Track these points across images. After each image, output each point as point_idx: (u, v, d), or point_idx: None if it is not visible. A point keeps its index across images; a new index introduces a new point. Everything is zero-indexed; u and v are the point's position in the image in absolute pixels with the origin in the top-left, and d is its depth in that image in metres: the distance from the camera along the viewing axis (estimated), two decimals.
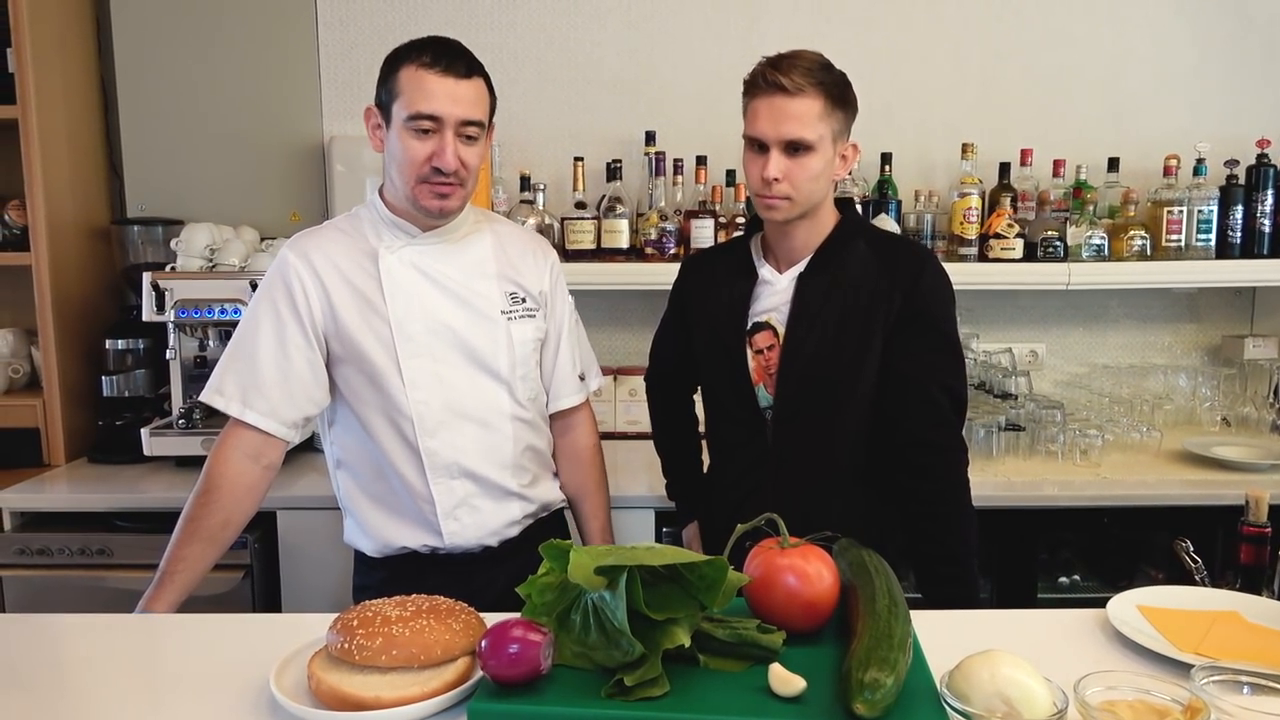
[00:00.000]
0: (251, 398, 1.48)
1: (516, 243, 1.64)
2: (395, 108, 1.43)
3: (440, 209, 1.47)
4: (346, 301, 1.50)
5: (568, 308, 1.70)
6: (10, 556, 2.09)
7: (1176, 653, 1.05)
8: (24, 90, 2.29)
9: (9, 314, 2.63)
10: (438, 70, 1.40)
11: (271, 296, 1.50)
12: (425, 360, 1.51)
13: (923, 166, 2.67)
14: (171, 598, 1.40)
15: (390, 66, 1.45)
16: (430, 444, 1.51)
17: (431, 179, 1.44)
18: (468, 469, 1.54)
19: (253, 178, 2.64)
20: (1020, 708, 0.82)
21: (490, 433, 1.55)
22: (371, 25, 2.63)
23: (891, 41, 2.66)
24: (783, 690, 0.91)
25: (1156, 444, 2.34)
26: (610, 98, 2.67)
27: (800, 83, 1.44)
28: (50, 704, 1.03)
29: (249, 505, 1.50)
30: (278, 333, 1.49)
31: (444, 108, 1.41)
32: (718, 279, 1.67)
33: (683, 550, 0.99)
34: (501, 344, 1.55)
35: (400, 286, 1.50)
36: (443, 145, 1.42)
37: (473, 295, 1.54)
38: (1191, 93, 2.67)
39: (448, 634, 1.00)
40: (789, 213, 1.51)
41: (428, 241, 1.53)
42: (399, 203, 1.51)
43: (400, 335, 1.49)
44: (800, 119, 1.45)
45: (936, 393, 1.52)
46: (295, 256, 1.50)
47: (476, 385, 1.54)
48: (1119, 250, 2.49)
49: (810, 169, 1.48)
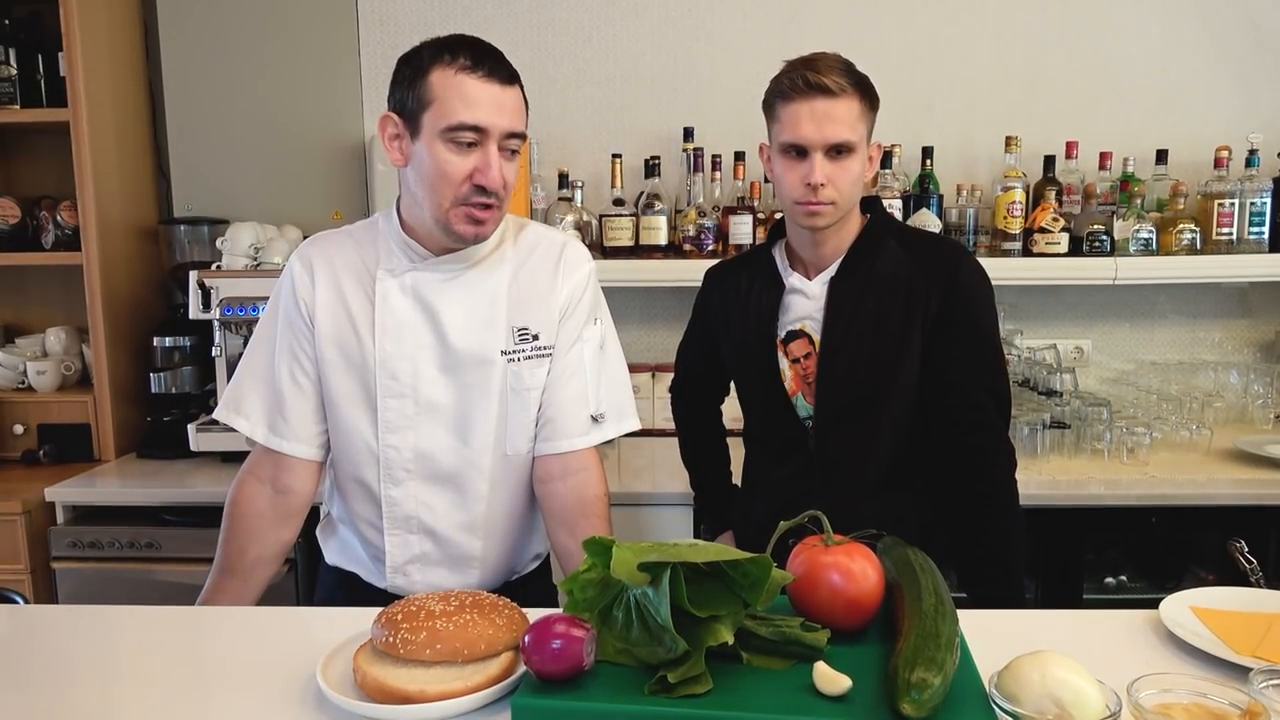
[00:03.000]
0: (281, 428, 1.40)
1: (541, 266, 1.41)
2: (427, 117, 1.25)
3: (475, 235, 1.30)
4: (333, 321, 1.37)
5: (586, 334, 1.44)
6: (63, 549, 2.14)
7: (1233, 655, 1.02)
8: (75, 94, 2.34)
9: (61, 312, 2.70)
10: (480, 75, 1.24)
11: (275, 307, 1.43)
12: (406, 403, 1.36)
13: (965, 160, 2.64)
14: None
15: (415, 69, 1.27)
16: (393, 493, 1.39)
17: (471, 199, 1.27)
18: (429, 526, 1.40)
19: (296, 177, 2.67)
20: (1072, 710, 0.80)
21: (462, 493, 1.40)
22: (411, 24, 2.65)
23: (933, 33, 2.62)
24: (828, 689, 0.90)
25: (1206, 442, 2.28)
26: (648, 94, 2.67)
27: (842, 83, 1.42)
28: (100, 694, 1.05)
29: (264, 533, 1.41)
30: (274, 346, 1.41)
31: (489, 118, 1.24)
32: (742, 291, 1.64)
33: (726, 548, 0.99)
34: (494, 393, 1.37)
35: (393, 315, 1.35)
36: (486, 160, 1.25)
37: (473, 334, 1.36)
38: (1243, 82, 2.61)
39: (491, 629, 1.01)
40: (832, 218, 1.48)
41: (437, 267, 1.36)
42: (419, 223, 1.34)
43: (383, 371, 1.35)
44: (844, 121, 1.43)
45: (980, 395, 1.50)
46: (299, 263, 1.40)
47: (457, 438, 1.38)
48: (1168, 244, 2.44)
49: (852, 172, 1.46)
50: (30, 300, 2.74)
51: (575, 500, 1.41)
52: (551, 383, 1.41)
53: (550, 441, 1.42)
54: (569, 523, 1.41)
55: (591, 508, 1.41)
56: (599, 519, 1.41)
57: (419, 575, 1.42)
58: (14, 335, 2.69)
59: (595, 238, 2.48)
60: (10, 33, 2.42)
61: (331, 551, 1.53)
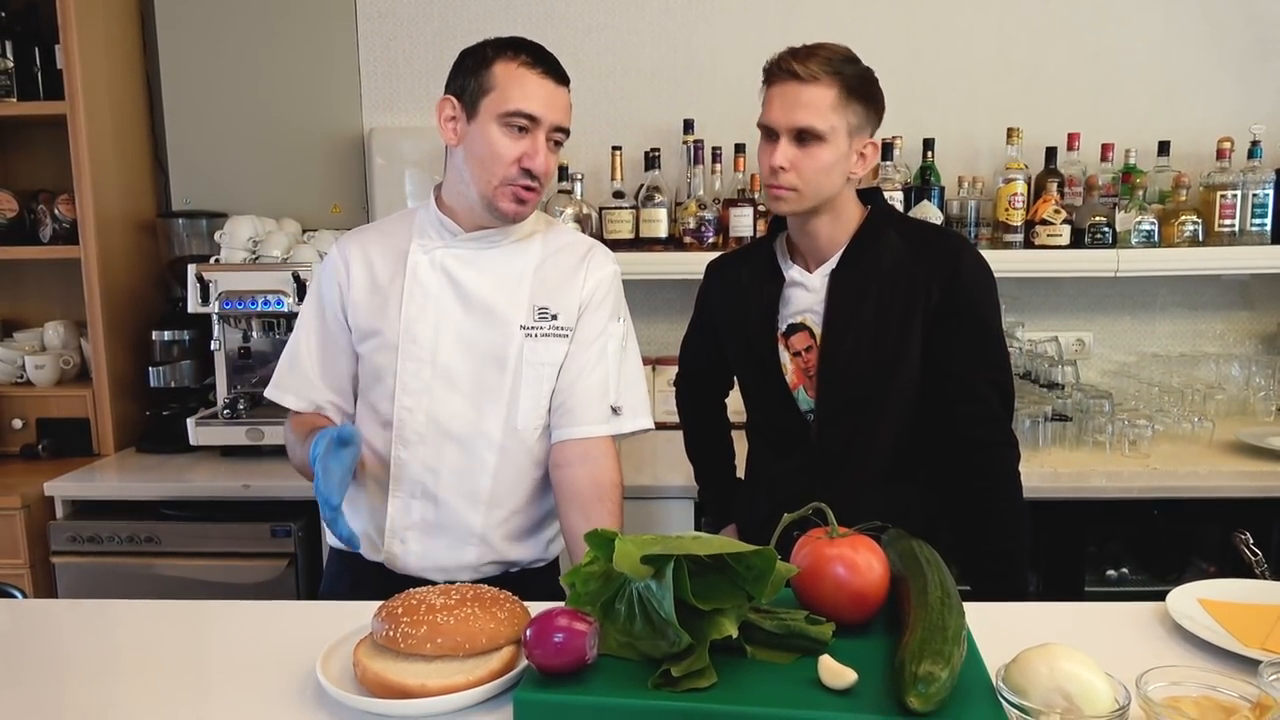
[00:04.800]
0: (292, 386, 1.55)
1: (568, 258, 1.51)
2: (487, 101, 1.38)
3: (516, 214, 1.43)
4: (367, 294, 1.49)
5: (611, 329, 1.52)
6: (63, 544, 2.14)
7: (1241, 648, 1.02)
8: (72, 86, 2.33)
9: (59, 306, 2.69)
10: (540, 71, 1.39)
11: (313, 290, 1.58)
12: (424, 367, 1.45)
13: (966, 152, 2.62)
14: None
15: (480, 59, 1.40)
16: (402, 454, 1.46)
17: (517, 180, 1.39)
18: (431, 492, 1.46)
19: (294, 170, 2.66)
20: (1080, 703, 0.80)
21: (468, 461, 1.46)
22: (410, 17, 2.63)
23: (934, 24, 2.61)
24: (833, 683, 0.89)
25: (1208, 435, 2.28)
26: (648, 86, 2.65)
27: (815, 70, 1.41)
28: (100, 688, 1.04)
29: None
30: (312, 327, 1.55)
31: (542, 109, 1.38)
32: (743, 284, 1.63)
33: (730, 540, 0.98)
34: (509, 363, 1.45)
35: (421, 286, 1.46)
36: (535, 147, 1.39)
37: (494, 305, 1.46)
38: (1245, 73, 2.59)
39: (492, 622, 1.00)
40: (796, 205, 1.47)
41: (467, 244, 1.47)
42: (460, 201, 1.46)
43: (406, 335, 1.45)
44: (811, 107, 1.42)
45: (983, 388, 1.49)
46: (336, 250, 1.54)
47: (469, 406, 1.45)
48: (1170, 236, 2.43)
49: (819, 160, 1.44)
50: (28, 294, 2.73)
51: (591, 484, 1.45)
52: (574, 372, 1.48)
53: (569, 428, 1.48)
54: (583, 506, 1.44)
55: (606, 494, 1.45)
56: (613, 505, 1.45)
57: (416, 544, 1.47)
58: (12, 329, 2.68)
59: (595, 230, 2.47)
60: (7, 25, 2.40)
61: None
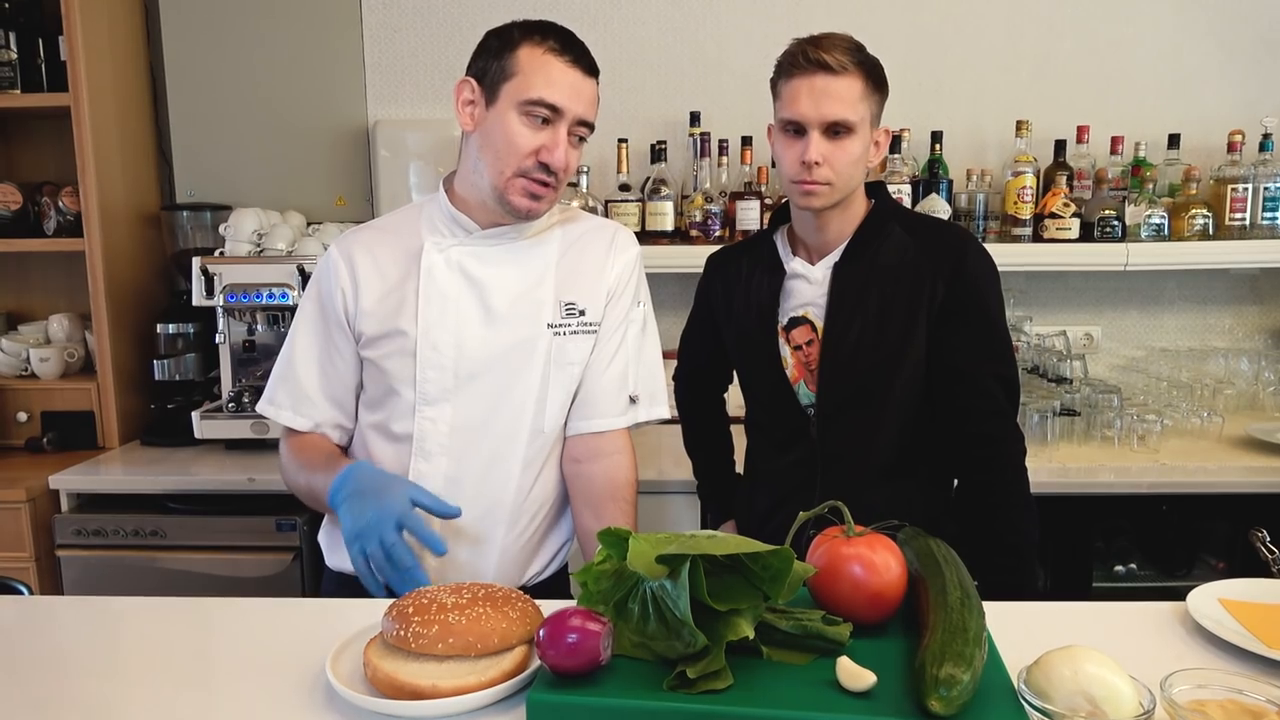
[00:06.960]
0: (288, 401, 1.43)
1: (591, 245, 1.44)
2: (508, 87, 1.29)
3: (529, 210, 1.32)
4: (378, 298, 1.38)
5: (632, 315, 1.46)
6: (68, 537, 2.13)
7: (1265, 650, 1.00)
8: (75, 79, 2.32)
9: (64, 299, 2.67)
10: (566, 59, 1.29)
11: (310, 295, 1.45)
12: (446, 375, 1.36)
13: (975, 145, 2.61)
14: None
15: (504, 42, 1.31)
16: (422, 467, 1.37)
17: (532, 173, 1.30)
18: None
19: (299, 163, 2.64)
20: (1105, 707, 0.79)
21: (494, 468, 1.38)
22: (415, 8, 2.61)
23: (942, 15, 2.59)
24: (852, 685, 0.88)
25: (1218, 429, 2.27)
26: (654, 78, 2.64)
27: (844, 61, 1.39)
28: (106, 686, 1.03)
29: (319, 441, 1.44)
30: (310, 335, 1.44)
31: (567, 100, 1.28)
32: (744, 277, 1.61)
33: (746, 540, 0.97)
34: (537, 365, 1.38)
35: (437, 289, 1.36)
36: (556, 139, 1.29)
37: (519, 305, 1.38)
38: (1256, 65, 2.57)
39: (505, 622, 0.99)
40: (829, 199, 1.45)
41: (483, 241, 1.38)
42: (473, 193, 1.36)
43: (424, 342, 1.35)
44: (843, 99, 1.39)
45: (989, 383, 1.48)
46: (335, 251, 1.42)
47: (495, 414, 1.37)
48: (1179, 230, 2.41)
49: (851, 152, 1.42)
50: (32, 287, 2.71)
51: (605, 483, 1.42)
52: (594, 362, 1.42)
53: (586, 420, 1.43)
54: (596, 506, 1.41)
55: (620, 492, 1.42)
56: (626, 504, 1.42)
57: (432, 559, 1.36)
58: (16, 322, 2.67)
59: None
60: (10, 16, 2.38)
61: (335, 554, 1.47)
